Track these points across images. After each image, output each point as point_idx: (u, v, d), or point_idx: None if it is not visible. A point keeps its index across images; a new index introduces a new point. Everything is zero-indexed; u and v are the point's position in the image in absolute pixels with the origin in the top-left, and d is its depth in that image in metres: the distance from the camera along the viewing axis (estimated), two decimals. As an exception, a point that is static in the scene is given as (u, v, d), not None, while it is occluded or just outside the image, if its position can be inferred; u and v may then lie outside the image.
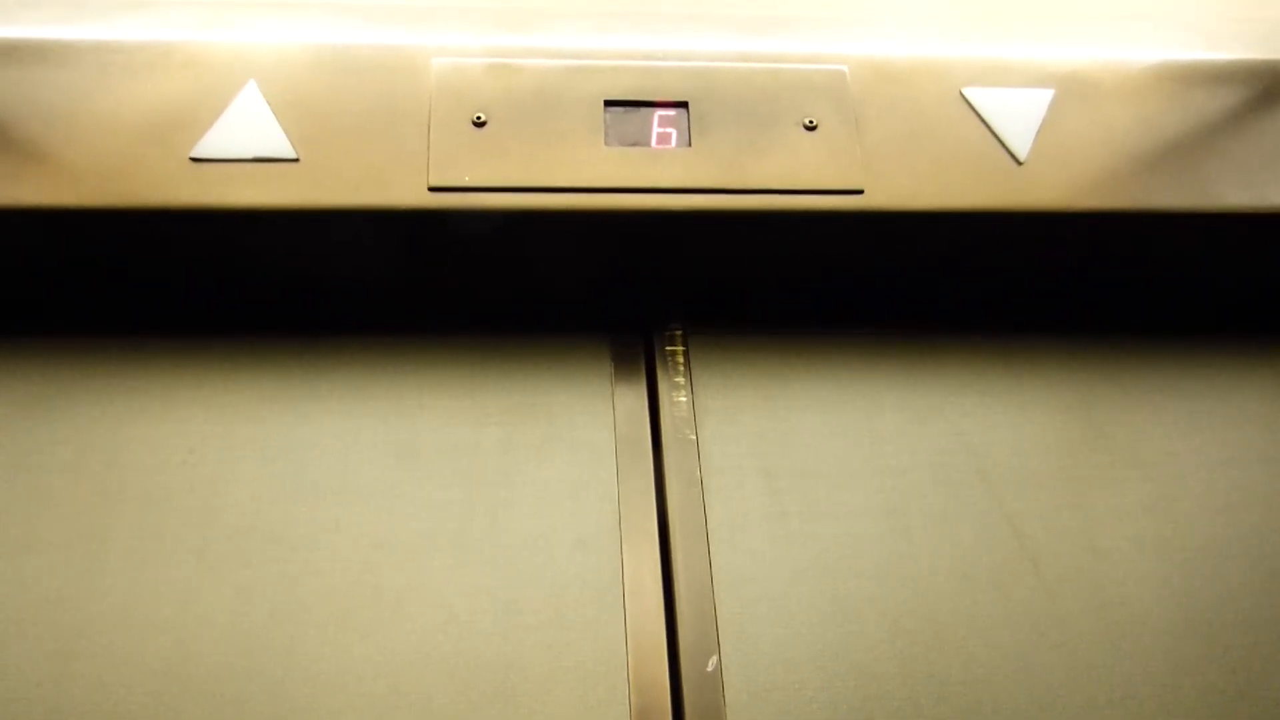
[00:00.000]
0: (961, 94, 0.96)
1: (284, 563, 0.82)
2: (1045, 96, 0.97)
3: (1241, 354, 1.02)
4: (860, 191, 0.91)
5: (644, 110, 0.92)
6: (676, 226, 0.91)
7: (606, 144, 0.90)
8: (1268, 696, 0.83)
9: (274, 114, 0.89)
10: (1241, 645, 0.85)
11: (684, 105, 0.92)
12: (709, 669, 0.80)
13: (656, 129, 0.91)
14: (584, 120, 0.91)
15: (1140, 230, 0.96)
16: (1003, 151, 0.94)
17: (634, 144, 0.91)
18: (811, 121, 0.93)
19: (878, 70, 0.97)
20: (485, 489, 0.88)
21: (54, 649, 0.78)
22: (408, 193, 0.87)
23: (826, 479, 0.90)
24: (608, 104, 0.92)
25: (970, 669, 0.82)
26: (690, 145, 0.91)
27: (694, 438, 0.92)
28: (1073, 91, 0.97)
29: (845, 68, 0.96)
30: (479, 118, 0.90)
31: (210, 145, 0.87)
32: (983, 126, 0.95)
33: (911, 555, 0.87)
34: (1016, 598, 0.85)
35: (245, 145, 0.87)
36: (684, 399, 0.94)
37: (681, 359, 0.97)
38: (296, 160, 0.87)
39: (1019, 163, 0.94)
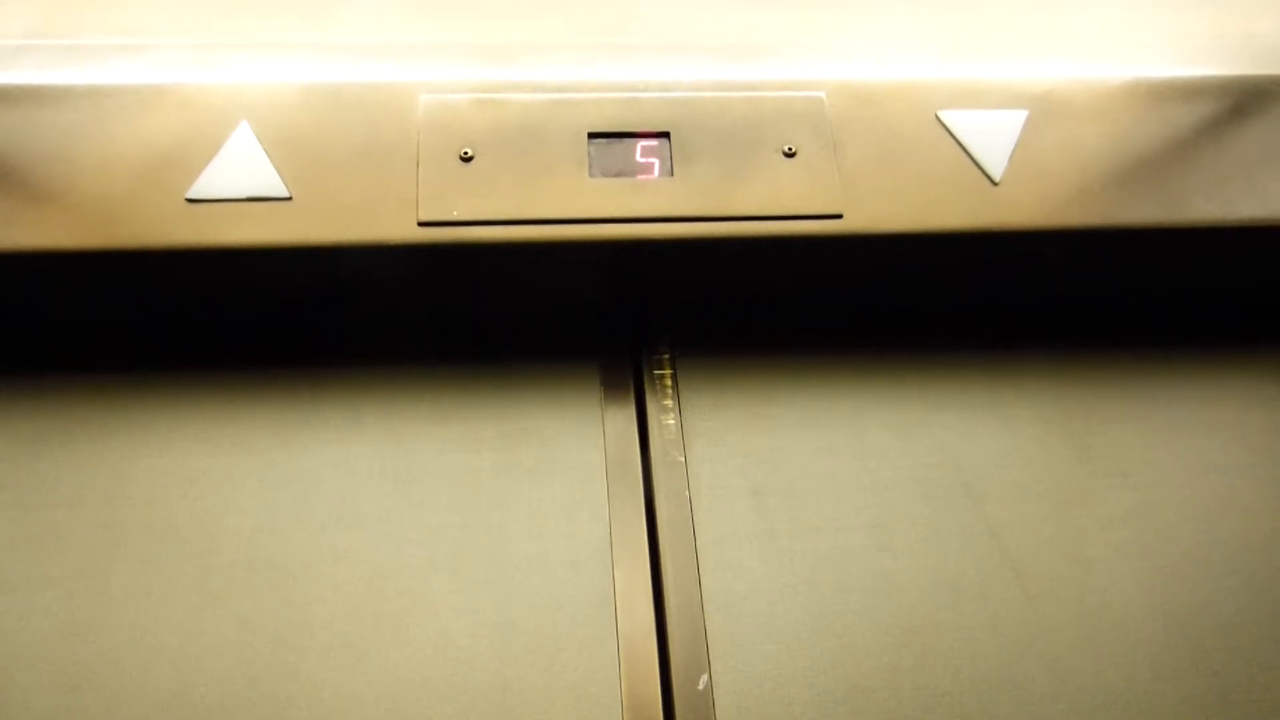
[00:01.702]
0: (937, 116, 0.98)
1: (285, 591, 0.84)
2: (1019, 117, 0.99)
3: (1217, 363, 1.04)
4: (840, 216, 0.93)
5: (627, 141, 0.94)
6: (662, 254, 0.93)
7: (591, 175, 0.92)
8: (1249, 700, 0.84)
9: (266, 153, 0.91)
10: (1222, 649, 0.87)
11: (665, 135, 0.94)
12: (700, 687, 0.82)
13: (639, 159, 0.93)
14: (568, 152, 0.93)
15: (1114, 245, 0.98)
16: (978, 172, 0.96)
17: (618, 175, 0.93)
18: (791, 148, 0.95)
19: (855, 95, 0.99)
20: (480, 513, 0.89)
21: (62, 682, 0.79)
22: (398, 228, 0.89)
23: (813, 496, 0.92)
24: (591, 136, 0.94)
25: (957, 680, 0.84)
26: (673, 174, 0.93)
27: (682, 459, 0.94)
28: (1046, 111, 0.99)
29: (823, 94, 0.98)
30: (466, 153, 0.92)
31: (205, 186, 0.89)
32: (958, 148, 0.97)
33: (898, 569, 0.89)
34: (1001, 608, 0.87)
35: (239, 185, 0.89)
36: (672, 421, 0.96)
37: (670, 381, 0.99)
38: (289, 199, 0.89)
39: (994, 183, 0.96)
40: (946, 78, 1.01)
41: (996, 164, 0.96)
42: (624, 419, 0.96)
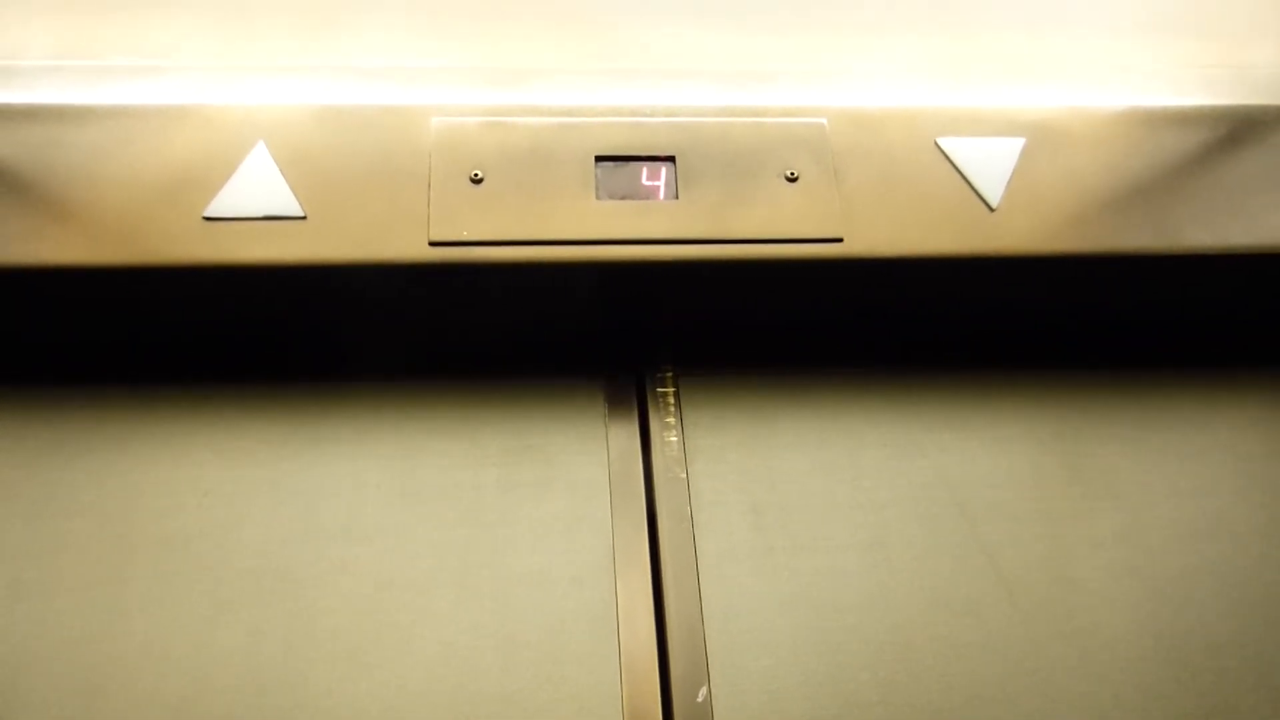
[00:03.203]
0: (936, 144, 1.00)
1: (294, 601, 0.86)
2: (1016, 145, 1.01)
3: (1208, 388, 1.05)
4: (840, 240, 0.95)
5: (633, 165, 0.96)
6: (666, 275, 0.95)
7: (598, 198, 0.94)
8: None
9: (282, 173, 0.93)
10: (1210, 670, 0.88)
11: (671, 159, 0.96)
12: (699, 699, 0.84)
13: (645, 182, 0.96)
14: (576, 175, 0.95)
15: (1108, 271, 1.00)
16: (976, 199, 0.98)
17: (624, 197, 0.95)
18: (793, 173, 0.97)
19: (856, 122, 1.01)
20: (485, 528, 0.91)
21: (74, 687, 0.81)
22: (409, 247, 0.91)
23: (811, 514, 0.94)
24: (598, 159, 0.96)
25: (949, 696, 0.85)
26: (678, 198, 0.95)
27: (684, 476, 0.96)
28: (1043, 139, 1.01)
29: (824, 120, 1.00)
30: (476, 174, 0.94)
31: (222, 205, 0.91)
32: (956, 175, 0.99)
33: (892, 586, 0.90)
34: (993, 626, 0.89)
35: (255, 204, 0.92)
36: (674, 438, 0.98)
37: (672, 400, 1.01)
38: (304, 218, 0.92)
39: (991, 209, 0.98)
40: (945, 106, 1.03)
41: (994, 190, 0.98)
42: (627, 436, 0.98)
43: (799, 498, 0.95)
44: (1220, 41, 1.14)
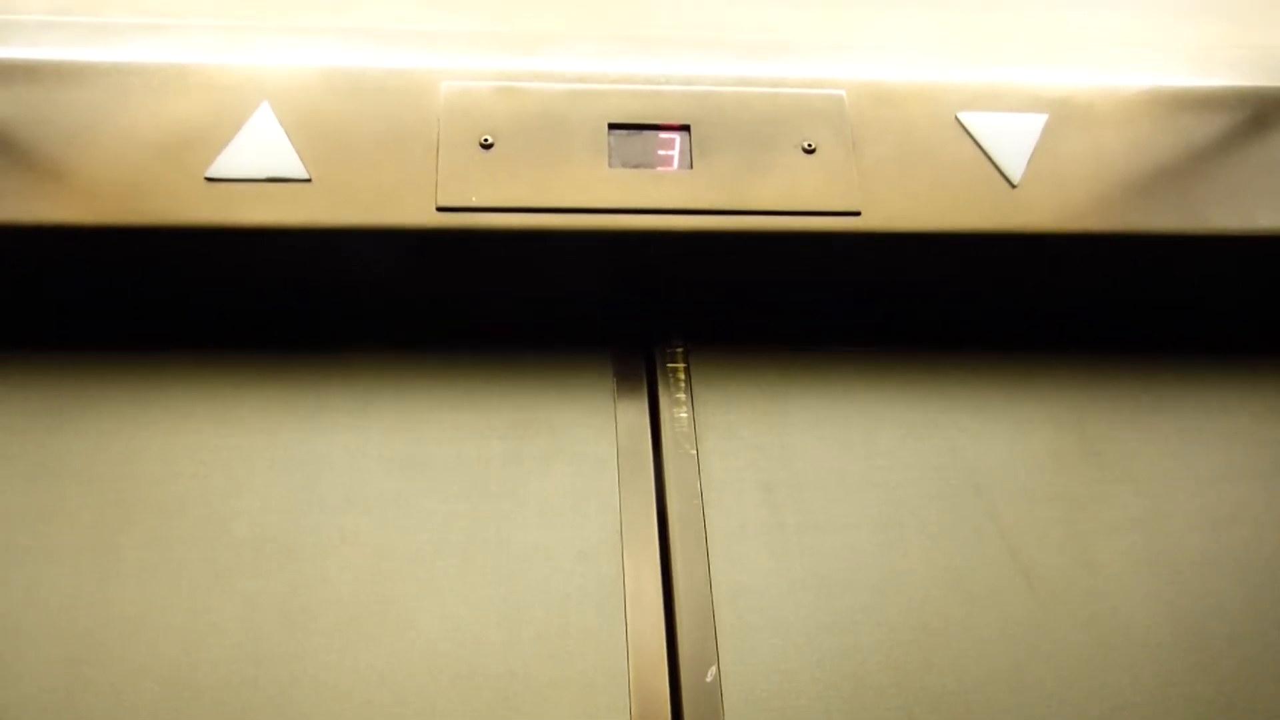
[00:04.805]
0: (957, 118, 0.98)
1: (293, 573, 0.84)
2: (1039, 121, 0.99)
3: (1231, 372, 1.04)
4: (857, 213, 0.93)
5: (647, 133, 0.94)
6: (678, 246, 0.93)
7: (610, 166, 0.93)
8: (1255, 708, 0.84)
9: (287, 135, 0.91)
10: (1230, 657, 0.86)
11: (686, 128, 0.94)
12: (708, 679, 0.82)
13: (659, 151, 0.94)
14: (589, 142, 0.93)
15: (1131, 252, 0.98)
16: (997, 174, 0.96)
17: (637, 166, 0.93)
18: (810, 144, 0.95)
19: (875, 94, 0.99)
20: (490, 501, 0.89)
21: (67, 655, 0.79)
22: (416, 212, 0.89)
23: (824, 492, 0.92)
24: (612, 127, 0.94)
25: (963, 680, 0.83)
26: (692, 167, 0.93)
27: (694, 452, 0.94)
28: (1066, 116, 1.00)
29: (843, 92, 0.98)
30: (486, 140, 0.92)
31: (225, 165, 0.89)
32: (978, 150, 0.97)
33: (907, 568, 0.89)
34: (1009, 610, 0.87)
35: (259, 165, 0.90)
36: (685, 414, 0.96)
37: (683, 375, 0.99)
38: (309, 180, 0.90)
39: (1013, 185, 0.96)
40: (967, 80, 1.01)
41: (1015, 167, 0.97)
42: (636, 411, 0.96)
43: (812, 476, 0.93)
44: (1246, 22, 1.13)
